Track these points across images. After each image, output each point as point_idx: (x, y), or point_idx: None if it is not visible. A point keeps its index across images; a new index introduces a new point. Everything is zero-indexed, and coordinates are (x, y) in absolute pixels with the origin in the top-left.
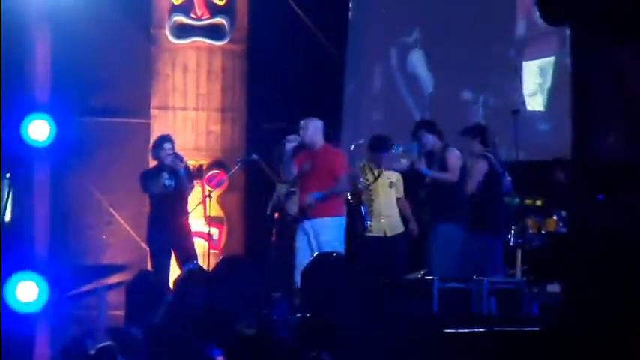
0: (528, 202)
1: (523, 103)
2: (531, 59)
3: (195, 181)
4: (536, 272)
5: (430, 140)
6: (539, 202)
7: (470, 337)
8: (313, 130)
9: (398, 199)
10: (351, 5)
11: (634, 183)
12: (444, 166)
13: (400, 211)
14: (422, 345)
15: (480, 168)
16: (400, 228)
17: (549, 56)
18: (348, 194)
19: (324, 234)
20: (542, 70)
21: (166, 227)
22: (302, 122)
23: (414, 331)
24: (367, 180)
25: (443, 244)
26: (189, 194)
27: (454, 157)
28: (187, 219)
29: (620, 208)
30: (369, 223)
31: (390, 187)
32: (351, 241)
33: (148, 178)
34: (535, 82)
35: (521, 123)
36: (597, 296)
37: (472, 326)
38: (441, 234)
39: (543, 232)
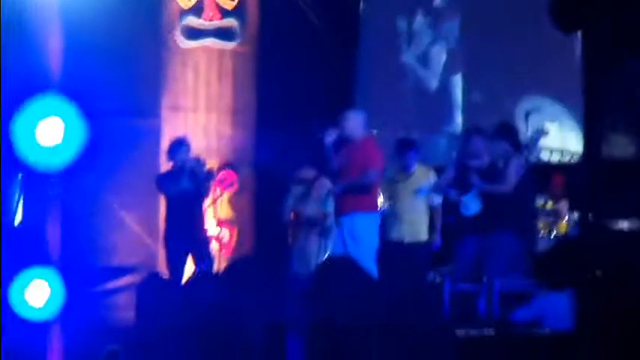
0: (539, 204)
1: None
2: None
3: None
4: (548, 275)
5: (506, 148)
6: (549, 205)
7: (481, 341)
8: (353, 122)
9: (431, 207)
10: (361, 7)
11: None
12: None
13: (431, 218)
14: (432, 347)
15: (519, 167)
16: (423, 236)
17: None
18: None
19: (357, 229)
20: None
21: (184, 230)
22: (344, 115)
23: (425, 335)
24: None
25: (497, 250)
26: (207, 197)
27: (515, 166)
28: (204, 222)
29: (633, 212)
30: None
31: (417, 192)
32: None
33: (167, 180)
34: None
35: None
36: (608, 300)
37: (482, 329)
38: (498, 240)
39: (554, 234)
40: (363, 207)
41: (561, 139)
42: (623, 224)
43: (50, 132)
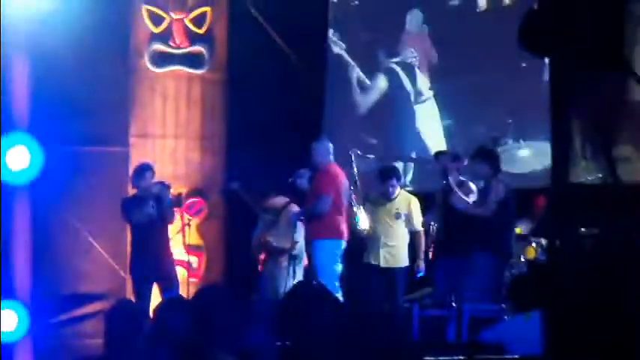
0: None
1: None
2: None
3: (175, 211)
4: (517, 299)
5: (486, 171)
6: (518, 230)
7: None
8: (316, 150)
9: (412, 232)
10: (330, 33)
11: (613, 213)
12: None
13: (412, 244)
14: None
15: (499, 191)
16: (402, 262)
17: None
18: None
19: (316, 257)
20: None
21: (149, 257)
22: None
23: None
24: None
25: (476, 272)
26: (172, 223)
27: (496, 189)
28: (170, 248)
29: (600, 237)
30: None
31: (397, 217)
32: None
33: (131, 206)
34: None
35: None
36: (578, 325)
37: (452, 354)
38: (476, 263)
39: (523, 259)
40: (323, 234)
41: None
42: (590, 249)
43: (17, 159)
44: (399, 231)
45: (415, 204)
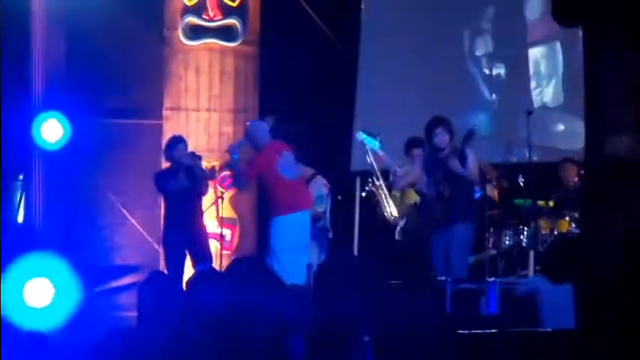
0: (541, 203)
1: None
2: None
3: (208, 183)
4: (549, 273)
5: (446, 139)
6: (551, 203)
7: (483, 339)
8: (253, 130)
9: None
10: (363, 6)
11: None
12: (462, 165)
13: None
14: (435, 346)
15: (473, 157)
16: None
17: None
18: None
19: (276, 233)
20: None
21: (182, 228)
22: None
23: (427, 331)
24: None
25: (461, 242)
26: (204, 194)
27: (472, 157)
28: (203, 220)
29: (633, 209)
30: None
31: None
32: None
33: (164, 178)
34: (544, 72)
35: (534, 123)
36: (611, 298)
37: (484, 327)
38: (460, 232)
39: (556, 232)
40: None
41: (562, 136)
42: (623, 222)
43: (51, 132)
44: None
45: None
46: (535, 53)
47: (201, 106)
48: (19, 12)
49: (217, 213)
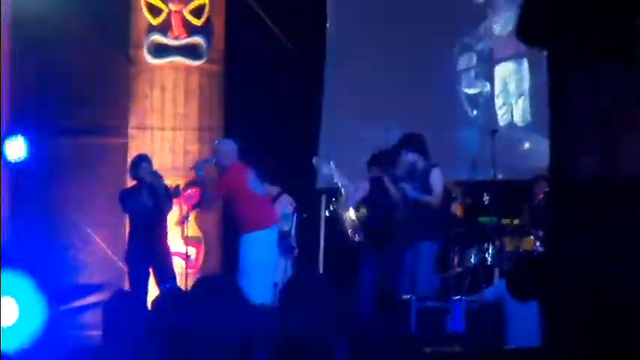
0: (505, 221)
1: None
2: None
3: (173, 201)
4: (514, 291)
5: (410, 158)
6: (516, 221)
7: (448, 358)
8: (219, 151)
9: None
10: (328, 24)
11: (612, 202)
12: (426, 185)
13: None
14: None
15: (442, 177)
16: None
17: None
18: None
19: (246, 250)
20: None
21: (146, 246)
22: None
23: (393, 350)
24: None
25: (423, 261)
26: (168, 213)
27: (437, 176)
28: (167, 238)
29: (598, 230)
30: None
31: None
32: None
33: (128, 196)
34: (511, 90)
35: (501, 141)
36: (576, 316)
37: (450, 346)
38: (422, 251)
39: (520, 250)
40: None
41: (527, 155)
42: (588, 240)
43: (14, 150)
44: None
45: None
46: (502, 71)
47: (167, 124)
48: None
49: (182, 232)
